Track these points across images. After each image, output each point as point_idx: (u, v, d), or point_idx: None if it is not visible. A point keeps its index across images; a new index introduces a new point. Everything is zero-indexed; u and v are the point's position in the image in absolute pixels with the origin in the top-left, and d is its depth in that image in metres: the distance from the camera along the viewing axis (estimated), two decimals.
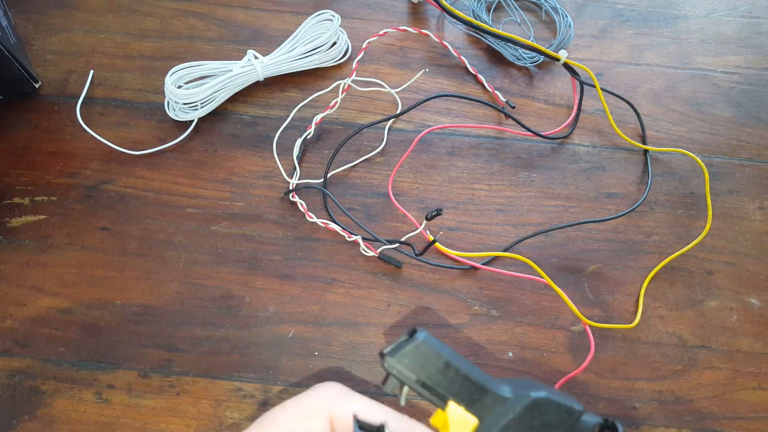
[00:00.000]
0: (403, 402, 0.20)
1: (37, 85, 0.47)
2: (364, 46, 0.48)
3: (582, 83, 0.47)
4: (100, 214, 0.43)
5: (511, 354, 0.40)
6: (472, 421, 0.19)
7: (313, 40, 0.47)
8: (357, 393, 0.23)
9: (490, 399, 0.20)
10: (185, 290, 0.41)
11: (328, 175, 0.45)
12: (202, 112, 0.46)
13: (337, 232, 0.42)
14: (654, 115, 0.49)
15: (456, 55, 0.50)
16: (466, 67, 0.50)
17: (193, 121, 0.46)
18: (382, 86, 0.48)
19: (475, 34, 0.51)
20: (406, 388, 0.20)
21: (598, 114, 0.48)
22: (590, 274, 0.42)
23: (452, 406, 0.20)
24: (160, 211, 0.43)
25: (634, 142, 0.47)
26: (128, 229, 0.43)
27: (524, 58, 0.50)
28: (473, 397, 0.20)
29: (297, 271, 0.42)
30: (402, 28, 0.50)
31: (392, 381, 0.20)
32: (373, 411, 0.21)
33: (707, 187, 0.45)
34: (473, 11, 0.52)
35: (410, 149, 0.44)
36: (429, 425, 0.22)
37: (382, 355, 0.20)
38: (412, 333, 0.20)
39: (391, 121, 0.47)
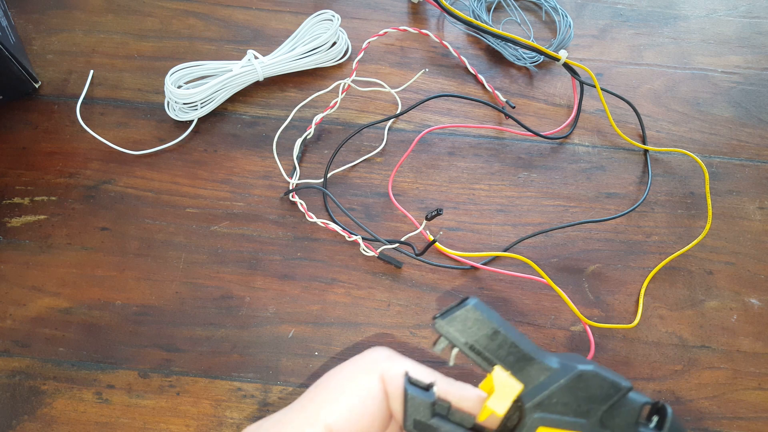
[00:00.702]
0: (452, 362, 0.21)
1: (36, 85, 0.47)
2: (364, 46, 0.48)
3: (582, 83, 0.47)
4: (100, 214, 0.43)
5: None
6: (517, 386, 0.20)
7: (313, 40, 0.47)
8: (405, 357, 0.23)
9: (537, 368, 0.20)
10: (185, 290, 0.41)
11: (328, 175, 0.45)
12: (202, 112, 0.46)
13: (337, 232, 0.42)
14: (654, 115, 0.49)
15: (456, 55, 0.50)
16: (466, 67, 0.50)
17: (192, 121, 0.46)
18: (382, 86, 0.48)
19: (475, 34, 0.51)
20: (455, 350, 0.20)
21: (598, 114, 0.48)
22: (590, 274, 0.42)
23: (498, 370, 0.20)
24: (160, 211, 0.43)
25: (634, 142, 0.47)
26: (128, 229, 0.43)
27: (524, 58, 0.50)
28: (519, 364, 0.20)
29: (297, 271, 0.42)
30: (402, 28, 0.50)
31: (442, 342, 0.20)
32: (422, 372, 0.22)
33: (707, 187, 0.45)
34: (473, 11, 0.52)
35: (410, 149, 0.44)
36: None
37: (434, 318, 0.21)
38: (464, 300, 0.21)
39: (391, 121, 0.47)
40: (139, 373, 0.38)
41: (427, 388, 0.21)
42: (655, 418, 0.22)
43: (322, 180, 0.44)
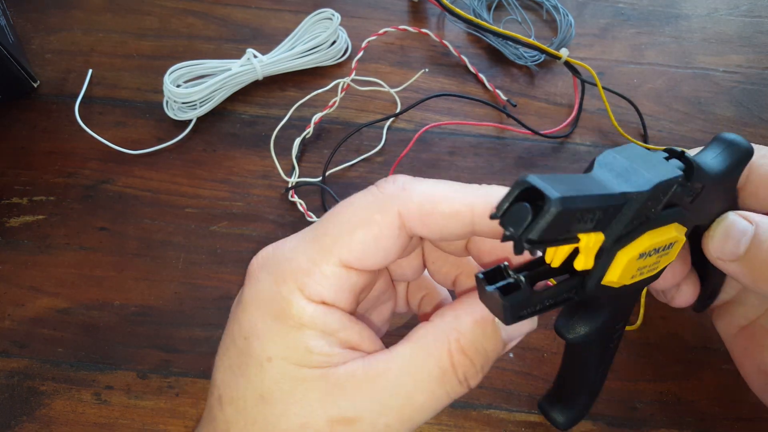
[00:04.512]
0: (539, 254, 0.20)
1: (35, 85, 0.47)
2: (363, 45, 0.48)
3: (583, 82, 0.47)
4: (98, 214, 0.43)
5: (512, 355, 0.39)
6: (599, 237, 0.19)
7: (313, 39, 0.47)
8: (424, 179, 0.22)
9: (613, 210, 0.19)
10: (184, 290, 0.40)
11: (327, 174, 0.44)
12: (201, 111, 0.45)
13: None
14: (656, 115, 0.48)
15: (456, 54, 0.50)
16: (467, 66, 0.49)
17: (191, 120, 0.46)
18: (381, 85, 0.48)
19: (475, 33, 0.51)
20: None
21: (600, 113, 0.48)
22: None
23: (581, 238, 0.19)
24: (159, 210, 0.43)
25: (635, 141, 0.46)
26: (127, 229, 0.42)
27: (525, 57, 0.49)
28: (599, 221, 0.19)
29: None
30: (402, 27, 0.50)
31: (527, 253, 0.18)
32: (442, 190, 0.21)
33: None
34: (474, 10, 0.51)
35: (410, 145, 0.44)
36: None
37: (516, 239, 0.17)
38: (530, 195, 0.17)
39: (391, 120, 0.47)
40: (137, 373, 0.38)
41: (516, 284, 0.19)
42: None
43: (320, 179, 0.44)
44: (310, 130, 0.45)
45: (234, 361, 0.22)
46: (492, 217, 0.18)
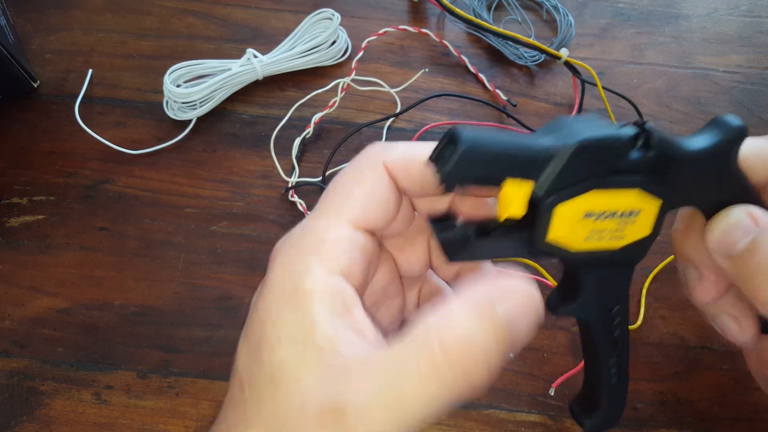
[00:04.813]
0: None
1: (35, 85, 0.47)
2: (363, 45, 0.48)
3: (583, 82, 0.47)
4: (98, 213, 0.43)
5: (512, 355, 0.39)
6: (527, 185, 0.20)
7: (313, 39, 0.47)
8: (398, 142, 0.24)
9: (540, 161, 0.20)
10: (184, 291, 0.40)
11: (327, 174, 0.44)
12: (201, 111, 0.45)
13: None
14: (656, 115, 0.48)
15: (456, 54, 0.50)
16: (467, 66, 0.49)
17: (191, 120, 0.46)
18: (381, 86, 0.48)
19: (475, 33, 0.51)
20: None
21: (600, 113, 0.48)
22: None
23: (507, 182, 0.20)
24: (159, 210, 0.43)
25: None
26: (127, 229, 0.42)
27: (525, 57, 0.49)
28: (524, 168, 0.20)
29: None
30: (402, 27, 0.50)
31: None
32: (419, 145, 0.23)
33: None
34: (474, 10, 0.51)
35: None
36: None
37: (434, 167, 0.20)
38: (452, 138, 0.20)
39: (391, 120, 0.47)
40: (137, 373, 0.38)
41: (453, 217, 0.22)
42: (640, 141, 0.22)
43: (320, 178, 0.44)
44: (310, 130, 0.45)
45: (252, 345, 0.22)
46: (429, 159, 0.20)
